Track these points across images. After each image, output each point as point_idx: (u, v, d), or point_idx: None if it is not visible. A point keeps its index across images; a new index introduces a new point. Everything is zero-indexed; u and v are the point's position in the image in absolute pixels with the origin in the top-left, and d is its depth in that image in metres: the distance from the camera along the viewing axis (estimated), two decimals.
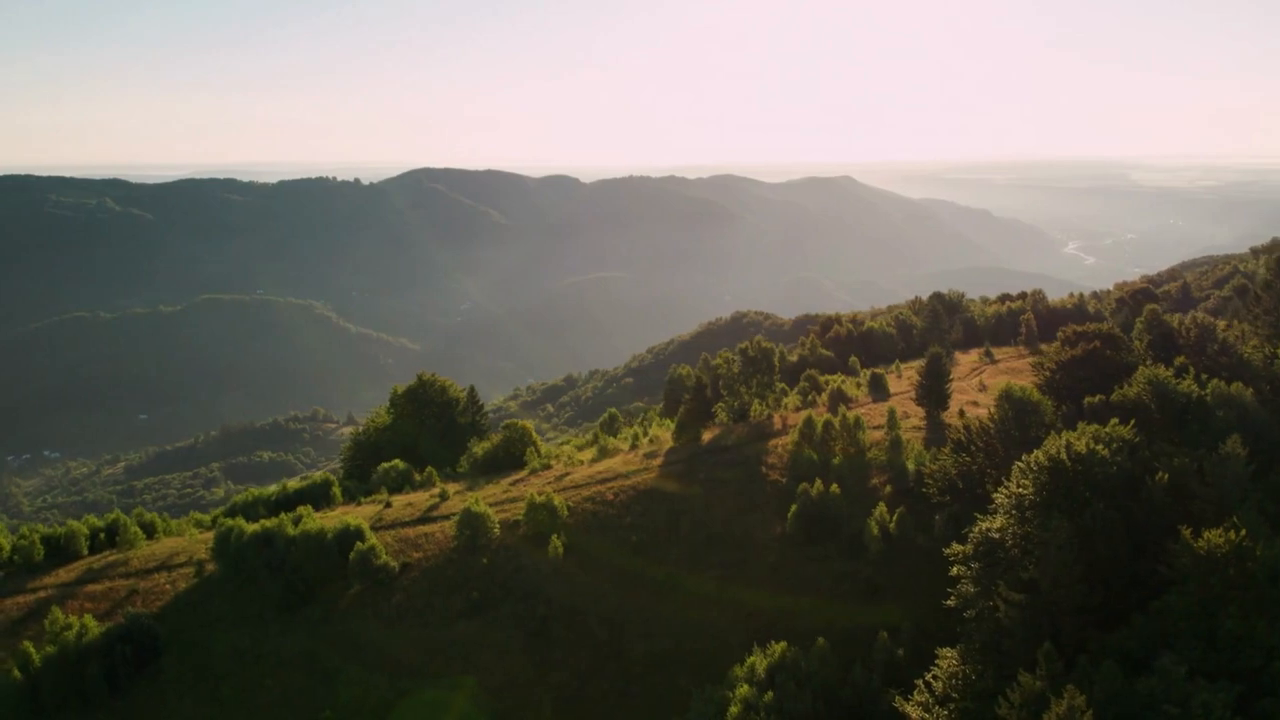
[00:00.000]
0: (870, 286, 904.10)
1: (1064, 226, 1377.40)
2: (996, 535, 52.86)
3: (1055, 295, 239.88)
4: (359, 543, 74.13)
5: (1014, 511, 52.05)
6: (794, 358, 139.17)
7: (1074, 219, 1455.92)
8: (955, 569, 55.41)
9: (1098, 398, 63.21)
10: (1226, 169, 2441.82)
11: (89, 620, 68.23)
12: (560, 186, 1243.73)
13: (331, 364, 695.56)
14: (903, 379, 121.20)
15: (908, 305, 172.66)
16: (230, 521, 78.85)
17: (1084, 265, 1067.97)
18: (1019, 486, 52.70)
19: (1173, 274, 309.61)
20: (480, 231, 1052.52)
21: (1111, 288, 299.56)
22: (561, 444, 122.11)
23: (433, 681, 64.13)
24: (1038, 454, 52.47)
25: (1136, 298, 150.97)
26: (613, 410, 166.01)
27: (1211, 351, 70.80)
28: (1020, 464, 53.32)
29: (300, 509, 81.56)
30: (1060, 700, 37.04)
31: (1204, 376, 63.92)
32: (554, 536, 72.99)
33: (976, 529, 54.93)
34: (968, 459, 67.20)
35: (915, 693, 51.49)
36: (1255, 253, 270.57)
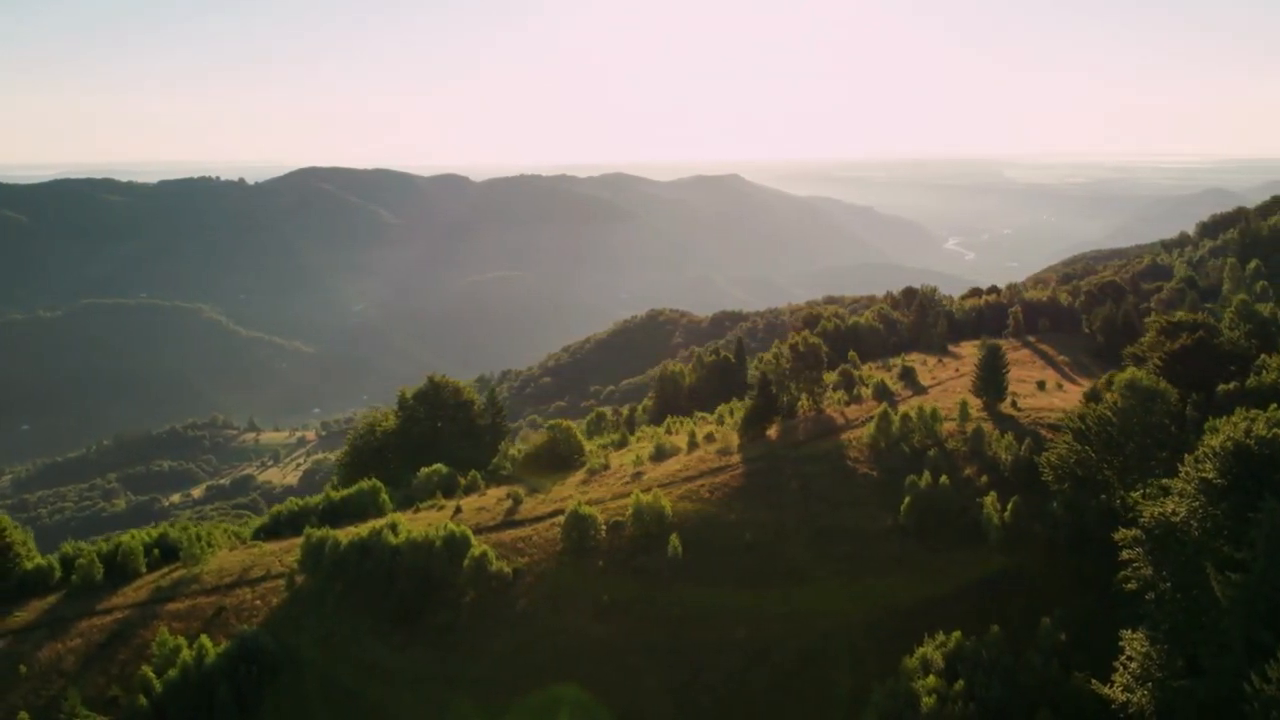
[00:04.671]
0: (765, 284, 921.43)
1: (943, 223, 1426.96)
2: (1176, 519, 54.58)
3: (945, 290, 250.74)
4: (470, 549, 72.10)
5: (1200, 496, 53.80)
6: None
7: (952, 215, 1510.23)
8: (1125, 553, 57.04)
9: (1232, 385, 65.89)
10: (1094, 165, 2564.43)
11: (205, 641, 64.58)
12: (451, 186, 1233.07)
13: (223, 368, 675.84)
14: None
15: (885, 300, 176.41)
16: (319, 532, 75.60)
17: (965, 260, 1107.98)
18: (1199, 471, 54.49)
19: (1087, 268, 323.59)
20: (370, 231, 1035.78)
21: (1024, 280, 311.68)
22: None
23: (579, 687, 62.85)
24: (1220, 438, 54.36)
25: (1105, 290, 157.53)
26: (600, 410, 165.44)
27: None
28: (1202, 449, 55.11)
29: (393, 516, 78.79)
30: None
31: None
32: (672, 536, 72.16)
33: (1148, 514, 56.59)
34: (1086, 447, 69.18)
35: (1115, 675, 52.78)
36: (1166, 246, 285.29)
